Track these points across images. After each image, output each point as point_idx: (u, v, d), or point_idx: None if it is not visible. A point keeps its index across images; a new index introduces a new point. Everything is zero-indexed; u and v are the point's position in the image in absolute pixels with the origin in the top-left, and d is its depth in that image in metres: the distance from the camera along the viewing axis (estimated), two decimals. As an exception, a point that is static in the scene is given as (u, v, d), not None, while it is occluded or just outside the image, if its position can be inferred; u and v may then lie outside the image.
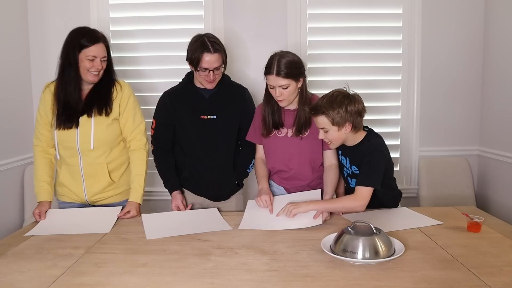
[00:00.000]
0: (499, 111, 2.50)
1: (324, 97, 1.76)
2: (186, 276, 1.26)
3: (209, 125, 1.98)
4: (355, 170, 1.82)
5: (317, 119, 1.76)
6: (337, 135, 1.75)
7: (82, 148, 1.86)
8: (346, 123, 1.73)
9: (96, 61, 1.80)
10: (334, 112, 1.71)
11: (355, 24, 2.66)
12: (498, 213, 2.37)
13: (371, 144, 1.78)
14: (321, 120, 1.74)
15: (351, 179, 1.88)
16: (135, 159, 1.94)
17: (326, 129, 1.75)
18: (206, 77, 1.89)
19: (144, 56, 2.70)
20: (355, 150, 1.81)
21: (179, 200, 1.97)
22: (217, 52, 1.86)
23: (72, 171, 1.90)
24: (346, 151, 1.87)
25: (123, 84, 1.95)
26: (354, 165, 1.82)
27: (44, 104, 1.88)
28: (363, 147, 1.79)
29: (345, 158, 1.88)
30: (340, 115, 1.71)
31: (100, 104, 1.86)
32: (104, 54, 1.83)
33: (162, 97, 2.05)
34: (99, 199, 1.94)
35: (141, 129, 1.96)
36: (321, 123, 1.75)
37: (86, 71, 1.81)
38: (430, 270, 1.27)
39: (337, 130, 1.74)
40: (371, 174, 1.72)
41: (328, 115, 1.71)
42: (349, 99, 1.75)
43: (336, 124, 1.72)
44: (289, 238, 1.57)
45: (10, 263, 1.39)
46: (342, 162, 1.90)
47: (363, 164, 1.75)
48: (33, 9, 2.67)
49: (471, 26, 2.66)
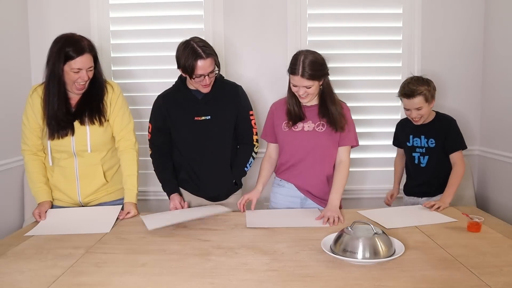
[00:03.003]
0: (499, 111, 2.49)
1: (412, 83, 2.05)
2: (186, 276, 1.26)
3: (204, 126, 1.98)
4: (431, 143, 2.12)
5: (413, 100, 2.03)
6: (428, 110, 2.08)
7: (78, 150, 1.86)
8: (433, 99, 2.07)
9: (82, 73, 1.75)
10: (427, 91, 2.02)
11: (355, 24, 2.66)
12: (498, 213, 2.37)
13: (446, 117, 2.14)
14: (418, 100, 2.03)
15: (424, 157, 2.15)
16: (126, 159, 1.94)
17: (421, 107, 2.04)
18: (202, 82, 1.89)
19: (144, 56, 2.70)
20: (431, 125, 2.13)
21: (177, 201, 1.98)
22: (209, 57, 1.85)
23: (66, 173, 1.88)
24: (419, 130, 2.15)
25: (113, 85, 1.94)
26: (432, 138, 2.12)
27: (33, 109, 1.84)
28: (441, 120, 2.13)
29: (418, 138, 2.15)
30: (430, 92, 2.04)
31: (92, 112, 1.84)
32: (90, 65, 1.77)
33: (156, 100, 2.05)
34: (92, 199, 1.94)
35: (130, 128, 1.96)
36: (417, 103, 2.03)
37: (72, 83, 1.77)
38: (430, 270, 1.27)
39: (428, 105, 2.06)
40: (458, 139, 2.09)
41: (424, 94, 2.02)
42: (428, 79, 2.09)
43: (428, 101, 2.04)
44: (289, 238, 1.57)
45: (10, 263, 1.39)
46: (415, 143, 2.16)
47: (449, 134, 2.09)
48: (33, 9, 2.66)
49: (471, 26, 2.66)
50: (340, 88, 2.67)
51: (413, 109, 2.06)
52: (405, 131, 2.24)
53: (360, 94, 2.70)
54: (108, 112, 1.90)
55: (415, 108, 2.05)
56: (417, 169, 2.18)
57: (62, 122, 1.80)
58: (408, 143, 2.20)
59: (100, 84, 1.89)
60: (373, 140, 2.73)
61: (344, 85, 2.68)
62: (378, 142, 2.73)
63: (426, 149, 2.14)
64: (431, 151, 2.13)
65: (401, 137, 2.27)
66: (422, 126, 2.14)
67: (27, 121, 1.87)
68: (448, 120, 2.13)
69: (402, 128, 2.28)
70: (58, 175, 1.90)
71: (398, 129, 2.33)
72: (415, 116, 2.08)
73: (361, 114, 2.70)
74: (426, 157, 2.14)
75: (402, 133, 2.26)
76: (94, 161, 1.89)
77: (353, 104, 2.66)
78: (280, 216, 1.88)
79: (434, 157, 2.13)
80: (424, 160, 2.15)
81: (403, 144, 2.26)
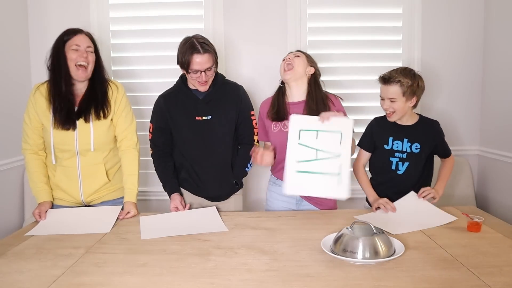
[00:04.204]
0: (499, 111, 2.49)
1: (396, 70, 1.87)
2: (186, 276, 1.26)
3: (205, 126, 1.98)
4: (416, 149, 1.90)
5: (388, 87, 1.85)
6: (403, 106, 1.86)
7: (81, 149, 1.86)
8: (414, 96, 1.86)
9: (81, 50, 1.80)
10: (408, 84, 1.82)
11: (355, 24, 2.66)
12: (498, 213, 2.37)
13: (431, 120, 1.96)
14: (393, 89, 1.84)
15: (403, 163, 1.92)
16: (127, 159, 1.95)
17: (394, 99, 1.85)
18: (198, 79, 1.89)
19: (144, 56, 2.70)
20: (415, 128, 1.93)
21: (178, 201, 1.97)
22: (207, 53, 1.85)
23: (68, 172, 1.89)
24: (402, 132, 1.93)
25: (118, 84, 1.95)
26: (417, 142, 1.90)
27: (35, 108, 1.84)
28: (426, 123, 1.95)
29: (400, 141, 1.92)
30: (412, 87, 1.83)
31: (97, 106, 1.86)
32: (88, 44, 1.83)
33: (157, 100, 2.06)
34: (94, 198, 1.95)
35: (132, 129, 1.97)
36: (392, 92, 1.84)
37: (74, 66, 1.80)
38: (430, 270, 1.27)
39: (404, 101, 1.85)
40: (446, 143, 1.96)
41: (402, 85, 1.82)
42: (420, 75, 1.89)
43: (405, 95, 1.84)
44: (289, 238, 1.57)
45: (10, 263, 1.39)
46: (395, 147, 1.94)
47: (440, 139, 1.94)
48: (33, 9, 2.67)
49: (471, 26, 2.66)
50: (339, 88, 2.68)
51: (386, 98, 1.86)
52: (383, 131, 1.97)
53: (360, 94, 2.70)
54: (112, 110, 1.90)
55: (388, 98, 1.85)
56: (393, 175, 1.93)
57: (66, 109, 1.81)
58: (386, 146, 1.94)
59: (103, 80, 1.91)
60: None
61: (343, 85, 2.68)
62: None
63: (407, 155, 1.90)
64: (412, 157, 1.90)
65: (377, 138, 1.98)
66: (405, 128, 1.93)
67: (28, 120, 1.87)
68: (434, 124, 1.95)
69: (379, 127, 2.00)
70: (60, 174, 1.89)
71: (372, 128, 2.03)
72: (387, 108, 1.88)
73: (361, 114, 2.69)
74: (406, 163, 1.91)
75: (379, 133, 1.98)
76: (97, 160, 1.89)
77: (353, 104, 2.68)
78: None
79: (414, 164, 1.90)
80: (402, 167, 1.91)
81: (378, 147, 1.98)
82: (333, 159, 1.74)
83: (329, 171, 1.73)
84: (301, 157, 1.77)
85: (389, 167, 1.94)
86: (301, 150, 1.77)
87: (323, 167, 1.74)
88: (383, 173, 1.97)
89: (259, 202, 2.74)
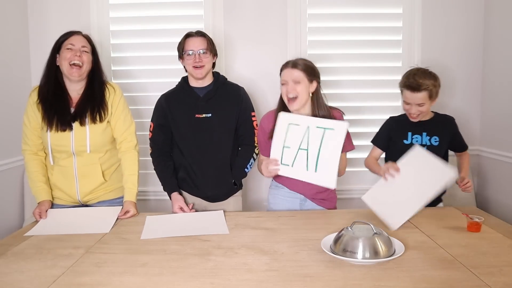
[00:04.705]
0: (499, 111, 2.49)
1: (418, 75, 1.89)
2: (186, 276, 1.26)
3: (205, 123, 1.99)
4: (435, 141, 1.98)
5: (417, 94, 1.88)
6: (429, 107, 1.94)
7: (77, 150, 1.86)
8: (437, 96, 1.93)
9: (75, 49, 1.81)
10: (433, 86, 1.89)
11: (355, 24, 2.66)
12: (498, 213, 2.37)
13: (446, 115, 2.04)
14: (423, 95, 1.88)
15: None
16: (127, 159, 1.95)
17: (423, 104, 1.90)
18: (193, 62, 1.93)
19: (144, 56, 2.70)
20: (433, 123, 2.00)
21: (182, 201, 1.97)
22: (200, 36, 1.95)
23: (65, 172, 1.89)
24: (420, 127, 2.00)
25: (115, 86, 1.96)
26: (435, 135, 1.98)
27: (33, 109, 1.86)
28: (442, 118, 2.03)
29: (419, 135, 1.99)
30: (436, 89, 1.91)
31: (93, 109, 1.86)
32: (83, 44, 1.85)
33: (159, 99, 2.08)
34: (91, 198, 1.95)
35: (131, 130, 1.97)
36: (420, 98, 1.89)
37: (69, 66, 1.81)
38: (430, 270, 1.27)
39: (430, 103, 1.92)
40: (462, 138, 2.05)
41: (430, 90, 1.88)
42: (434, 73, 1.94)
43: (431, 98, 1.91)
44: (289, 238, 1.57)
45: (10, 263, 1.39)
46: (415, 141, 1.99)
47: (456, 134, 2.02)
48: (33, 9, 2.66)
49: (471, 26, 2.66)
50: (339, 88, 2.69)
51: (414, 104, 1.91)
52: (401, 128, 2.04)
53: (360, 94, 2.70)
54: (109, 113, 1.90)
55: (416, 104, 1.90)
56: None
57: (61, 110, 1.83)
58: (406, 141, 2.01)
59: (101, 81, 1.91)
60: (373, 140, 2.72)
61: (343, 85, 2.68)
62: (378, 142, 2.72)
63: (427, 148, 1.93)
64: (432, 150, 1.88)
65: (395, 135, 2.05)
66: (423, 123, 2.00)
67: (28, 121, 1.89)
68: (450, 119, 2.05)
69: (397, 125, 2.07)
70: (58, 174, 1.90)
71: (389, 126, 2.10)
72: (414, 112, 1.93)
73: (360, 114, 2.70)
74: None
75: (397, 130, 2.06)
76: (93, 161, 1.90)
77: (353, 104, 2.69)
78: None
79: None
80: None
81: (395, 144, 2.04)
82: (323, 150, 1.77)
83: (317, 160, 1.79)
84: (285, 160, 1.83)
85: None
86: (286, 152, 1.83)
87: (313, 157, 1.79)
88: None
89: (259, 202, 2.73)
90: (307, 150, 1.80)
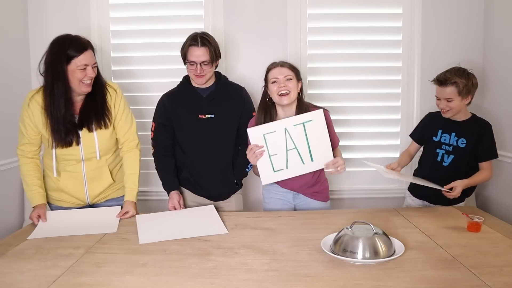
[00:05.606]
0: (499, 111, 2.49)
1: (450, 71, 1.95)
2: (186, 276, 1.27)
3: (207, 124, 1.99)
4: (462, 143, 1.98)
5: (445, 89, 1.93)
6: (459, 104, 1.95)
7: (87, 157, 1.86)
8: (469, 95, 1.94)
9: (88, 69, 1.74)
10: (463, 83, 1.91)
11: (355, 24, 2.66)
12: (498, 213, 2.36)
13: (483, 120, 2.02)
14: (450, 90, 1.92)
15: (448, 155, 2.01)
16: (129, 158, 1.95)
17: (451, 99, 1.93)
18: (194, 71, 1.93)
19: (144, 56, 2.70)
20: (465, 125, 2.00)
21: (176, 200, 1.98)
22: (204, 47, 1.91)
23: (74, 177, 1.88)
24: (451, 127, 2.02)
25: (115, 87, 1.93)
26: (463, 137, 1.98)
27: (31, 118, 1.80)
28: (477, 122, 2.01)
29: (448, 135, 2.02)
30: (467, 87, 1.92)
31: (98, 115, 1.83)
32: (94, 61, 1.78)
33: (161, 99, 2.07)
34: (100, 199, 1.96)
35: (133, 130, 1.97)
36: (448, 93, 1.92)
37: (79, 83, 1.74)
38: (430, 270, 1.27)
39: (460, 100, 1.93)
40: (493, 147, 1.99)
41: (458, 85, 1.90)
42: (473, 74, 1.97)
43: (461, 95, 1.92)
44: (289, 238, 1.57)
45: (10, 263, 1.39)
46: (443, 140, 2.03)
47: (484, 139, 1.97)
48: (33, 9, 2.66)
49: (471, 26, 2.66)
50: (339, 88, 2.68)
51: (443, 98, 1.94)
52: (434, 124, 2.09)
53: (360, 94, 2.69)
54: (113, 116, 1.89)
55: (444, 98, 1.93)
56: (438, 166, 2.03)
57: (69, 124, 1.77)
58: (435, 138, 2.06)
59: (102, 85, 1.88)
60: (373, 140, 2.72)
61: (343, 85, 2.68)
62: (379, 142, 2.72)
63: (453, 148, 2.00)
64: (458, 151, 1.99)
65: (427, 130, 2.11)
66: (455, 123, 2.02)
67: (24, 129, 1.83)
68: (485, 124, 2.00)
69: (431, 121, 2.12)
70: (65, 180, 1.87)
71: (425, 121, 2.17)
72: (443, 107, 1.96)
73: (360, 114, 2.70)
74: (451, 156, 2.00)
75: (430, 126, 2.11)
76: (101, 164, 1.90)
77: (353, 104, 2.68)
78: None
79: (459, 158, 1.99)
80: (448, 159, 2.01)
81: (427, 139, 2.10)
82: (312, 141, 1.84)
83: (310, 152, 1.85)
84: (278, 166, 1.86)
85: (435, 158, 2.04)
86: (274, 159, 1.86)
87: (304, 151, 1.85)
88: (429, 164, 2.07)
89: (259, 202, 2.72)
90: (296, 148, 1.85)
